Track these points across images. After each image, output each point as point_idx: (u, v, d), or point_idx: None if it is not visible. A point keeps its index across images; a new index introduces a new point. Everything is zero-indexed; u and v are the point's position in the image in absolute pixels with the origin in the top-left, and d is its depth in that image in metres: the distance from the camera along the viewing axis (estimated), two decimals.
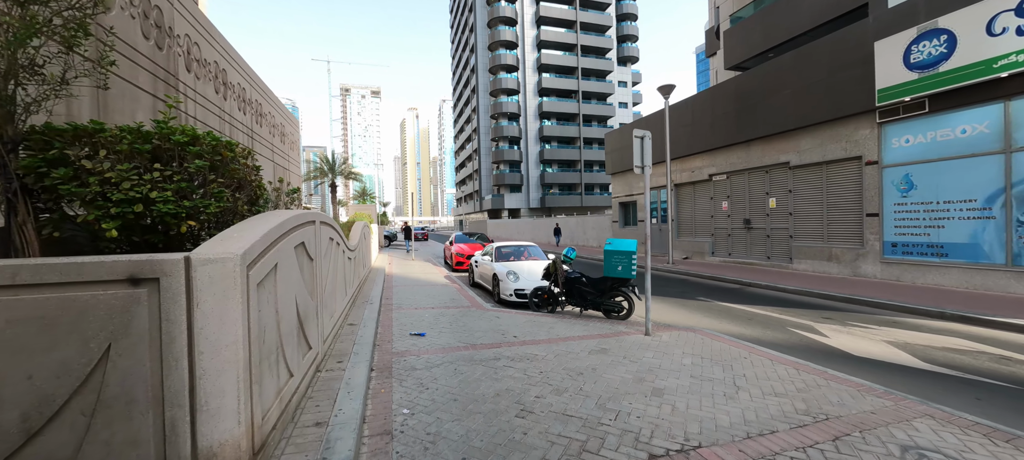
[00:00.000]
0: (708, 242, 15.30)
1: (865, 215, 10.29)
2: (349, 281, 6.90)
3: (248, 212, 3.47)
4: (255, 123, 11.09)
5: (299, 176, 16.07)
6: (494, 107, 54.69)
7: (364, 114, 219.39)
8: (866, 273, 10.28)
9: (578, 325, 6.25)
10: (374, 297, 7.84)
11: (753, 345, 5.18)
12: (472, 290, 10.14)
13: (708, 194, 15.35)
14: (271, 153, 12.52)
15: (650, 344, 5.13)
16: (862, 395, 3.59)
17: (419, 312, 7.11)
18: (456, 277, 12.53)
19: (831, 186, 11.16)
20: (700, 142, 15.25)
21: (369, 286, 9.52)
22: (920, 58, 8.86)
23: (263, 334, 2.33)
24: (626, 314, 6.82)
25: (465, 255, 14.43)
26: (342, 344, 4.64)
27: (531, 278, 8.38)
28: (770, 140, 12.69)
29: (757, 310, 7.71)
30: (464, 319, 6.60)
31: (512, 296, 8.21)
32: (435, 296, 8.85)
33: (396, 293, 9.11)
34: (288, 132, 14.69)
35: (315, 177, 35.28)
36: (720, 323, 6.83)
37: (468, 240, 16.64)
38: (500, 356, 4.63)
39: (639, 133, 5.56)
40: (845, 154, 10.67)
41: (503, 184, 54.96)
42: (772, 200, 12.80)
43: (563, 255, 7.18)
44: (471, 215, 68.07)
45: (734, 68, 17.15)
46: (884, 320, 6.81)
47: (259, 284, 2.27)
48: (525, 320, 6.54)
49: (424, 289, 9.83)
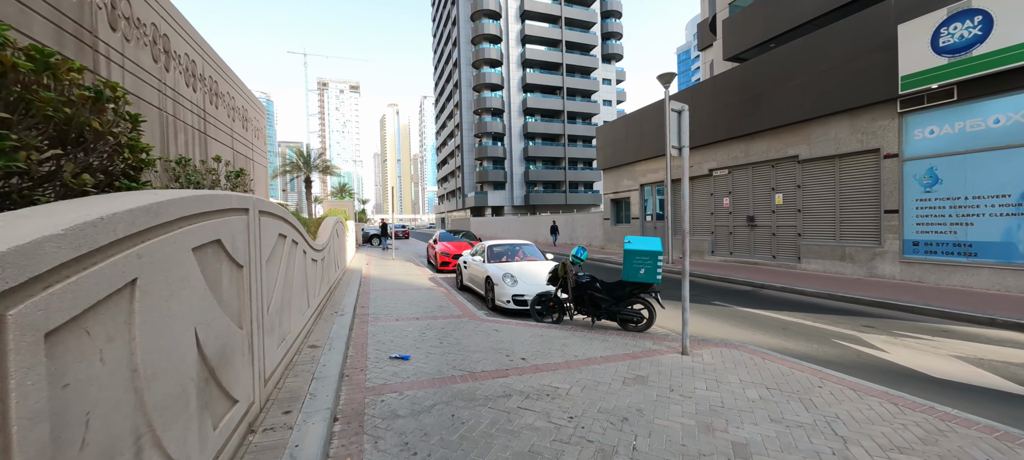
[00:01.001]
0: (708, 240, 14.54)
1: (883, 212, 9.61)
2: (314, 289, 5.66)
3: (101, 188, 2.13)
4: (209, 103, 9.60)
5: (265, 167, 14.51)
6: (477, 103, 53.34)
7: (342, 109, 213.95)
8: (884, 273, 9.61)
9: (595, 340, 5.19)
10: (346, 306, 6.60)
11: (817, 367, 4.23)
12: (460, 294, 8.97)
13: (707, 190, 14.59)
14: (230, 139, 11.02)
15: (694, 368, 4.11)
16: (1013, 449, 2.64)
17: (401, 325, 5.92)
18: (441, 279, 11.33)
19: (845, 181, 10.47)
20: (699, 135, 14.45)
21: (342, 292, 8.24)
22: (950, 42, 8.18)
23: (82, 429, 1.14)
24: (646, 325, 5.82)
25: (450, 255, 13.23)
26: (297, 380, 3.43)
27: (531, 282, 7.28)
28: (777, 132, 11.96)
29: (786, 317, 6.83)
30: (456, 333, 5.46)
31: (509, 303, 7.10)
32: (419, 303, 7.66)
33: (374, 300, 7.87)
34: (252, 118, 13.14)
35: (289, 172, 33.37)
36: (754, 335, 5.89)
37: (453, 238, 15.43)
38: (510, 390, 3.52)
39: (676, 106, 4.53)
40: (861, 146, 9.98)
41: (486, 181, 53.69)
42: (778, 196, 12.09)
43: (572, 256, 6.11)
44: (453, 213, 66.54)
45: (733, 59, 16.46)
46: (932, 329, 6.01)
47: (56, 336, 1.08)
48: (530, 334, 5.44)
49: (406, 294, 8.62)
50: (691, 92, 15.02)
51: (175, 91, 7.98)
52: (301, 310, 4.53)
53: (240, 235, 2.40)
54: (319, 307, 6.15)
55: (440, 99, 73.23)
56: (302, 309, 4.59)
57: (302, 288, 4.60)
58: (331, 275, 8.46)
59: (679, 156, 4.63)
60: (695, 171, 14.86)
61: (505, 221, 37.87)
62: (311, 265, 5.40)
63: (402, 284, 10.08)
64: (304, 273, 4.74)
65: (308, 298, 5.00)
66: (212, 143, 9.87)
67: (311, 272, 5.47)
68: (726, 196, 13.81)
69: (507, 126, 53.60)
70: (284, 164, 34.03)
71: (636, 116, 17.96)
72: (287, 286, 3.72)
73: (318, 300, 6.11)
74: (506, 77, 53.47)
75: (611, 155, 19.65)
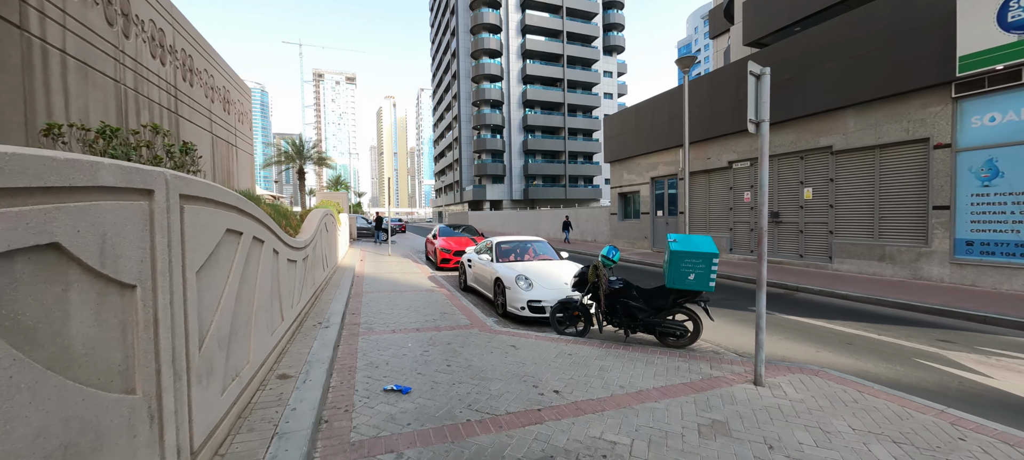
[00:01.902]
0: (725, 238, 13.62)
1: (931, 208, 8.71)
2: (292, 296, 4.66)
3: None
4: (181, 79, 8.52)
5: (251, 154, 13.41)
6: (476, 94, 52.09)
7: (339, 101, 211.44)
8: (930, 275, 8.72)
9: (638, 361, 4.24)
10: (333, 315, 5.60)
11: (936, 406, 3.28)
12: (464, 296, 8.00)
13: (726, 184, 13.65)
14: (209, 122, 9.94)
15: (781, 407, 3.16)
16: None
17: (398, 338, 4.94)
18: (442, 278, 10.35)
19: (886, 174, 9.55)
20: (719, 125, 13.50)
21: (330, 295, 7.24)
22: (1022, 16, 7.23)
23: None
24: (690, 339, 4.88)
25: (451, 251, 12.25)
26: (251, 437, 2.44)
27: (549, 286, 6.31)
28: (807, 121, 11.01)
29: (842, 327, 5.91)
30: (466, 351, 4.49)
31: (524, 310, 6.13)
32: (420, 308, 6.68)
33: (367, 305, 6.88)
34: (235, 100, 12.04)
35: (281, 162, 32.21)
36: (818, 352, 4.96)
37: (453, 233, 14.42)
38: (550, 447, 2.56)
39: (756, 70, 3.58)
40: (906, 136, 9.05)
41: (485, 174, 52.58)
42: (808, 190, 11.17)
43: (602, 257, 5.14)
44: (451, 206, 65.42)
45: (753, 44, 15.48)
46: (1020, 344, 5.11)
47: None
48: (556, 352, 4.48)
49: (404, 297, 7.63)
50: (709, 79, 14.03)
51: (136, 61, 6.90)
52: (270, 327, 3.53)
53: (127, 233, 1.41)
54: (299, 317, 5.16)
55: (438, 90, 71.82)
56: (272, 326, 3.59)
57: (271, 299, 3.60)
58: (318, 275, 7.47)
59: (757, 133, 3.66)
60: (713, 163, 13.91)
61: (504, 215, 36.86)
62: (287, 267, 4.39)
63: (399, 284, 9.08)
64: (274, 279, 3.73)
65: (281, 310, 4.00)
66: (186, 125, 8.79)
67: (288, 276, 4.47)
68: (747, 190, 12.88)
69: (506, 118, 52.43)
70: (277, 154, 32.89)
71: (647, 106, 16.96)
72: (243, 302, 2.73)
73: (298, 309, 5.11)
74: (505, 68, 52.22)
75: (619, 147, 18.66)
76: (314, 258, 6.72)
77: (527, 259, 7.91)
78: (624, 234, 18.83)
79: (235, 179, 11.49)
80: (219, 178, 10.38)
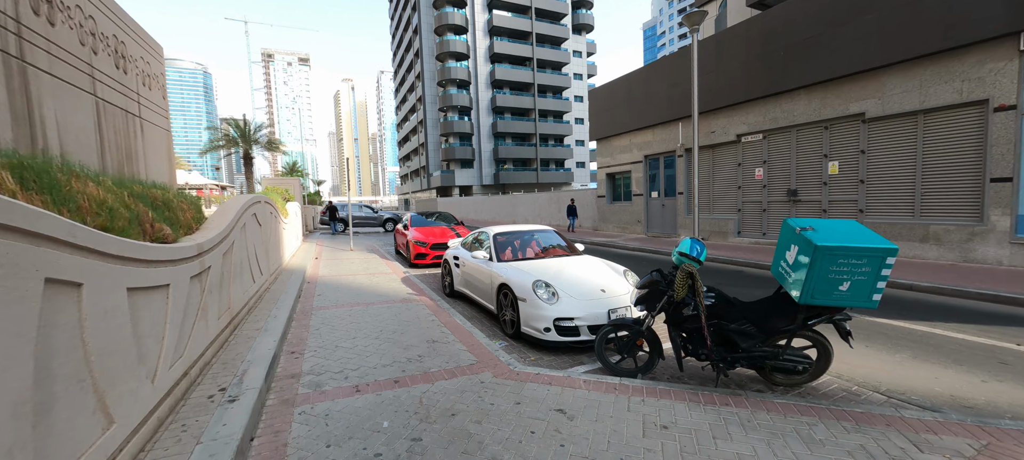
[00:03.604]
0: (733, 220, 12.33)
1: (988, 180, 7.59)
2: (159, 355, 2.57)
3: None
4: (29, 13, 5.89)
5: (166, 131, 10.62)
6: (441, 73, 48.97)
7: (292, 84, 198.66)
8: (985, 258, 7.65)
9: (787, 433, 2.52)
10: (251, 368, 3.51)
11: None
12: (452, 306, 6.06)
13: (734, 159, 12.30)
14: (90, 81, 7.27)
15: None
16: None
17: (364, 400, 2.99)
18: (417, 278, 8.32)
19: (931, 143, 8.37)
20: (724, 94, 12.06)
21: (261, 318, 5.09)
22: None
23: None
24: (810, 375, 3.26)
25: (427, 244, 10.20)
26: None
27: (579, 295, 4.48)
28: (833, 85, 9.69)
29: (917, 327, 4.48)
30: (486, 432, 2.61)
31: (549, 332, 4.28)
32: (396, 334, 4.70)
33: (316, 332, 4.81)
34: (136, 57, 9.24)
35: (224, 147, 28.37)
36: (921, 363, 3.44)
37: (427, 223, 12.31)
38: None
39: None
40: (959, 98, 7.85)
41: (453, 159, 49.92)
42: (833, 165, 9.92)
43: (680, 254, 3.35)
44: (417, 193, 62.28)
45: (755, 6, 14.13)
46: None
47: None
48: (638, 423, 2.68)
49: (372, 314, 5.59)
50: (714, 40, 12.51)
51: None
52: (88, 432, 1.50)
53: None
54: (183, 383, 3.06)
55: (400, 70, 67.68)
56: (88, 431, 1.55)
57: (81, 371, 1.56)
58: (245, 289, 5.28)
59: None
60: (718, 138, 12.50)
61: (477, 201, 34.72)
62: (146, 304, 2.31)
63: (364, 292, 7.00)
64: (105, 334, 1.68)
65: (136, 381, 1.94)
66: (45, 80, 6.20)
67: (151, 315, 2.39)
68: (759, 166, 11.57)
69: (474, 99, 49.79)
70: (218, 138, 28.98)
71: (641, 76, 15.34)
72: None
73: (187, 363, 3.03)
74: (472, 46, 49.36)
75: (607, 123, 17.01)
76: (229, 269, 4.55)
77: (531, 255, 6.06)
78: (614, 218, 17.34)
79: (140, 162, 8.82)
80: (112, 160, 7.75)
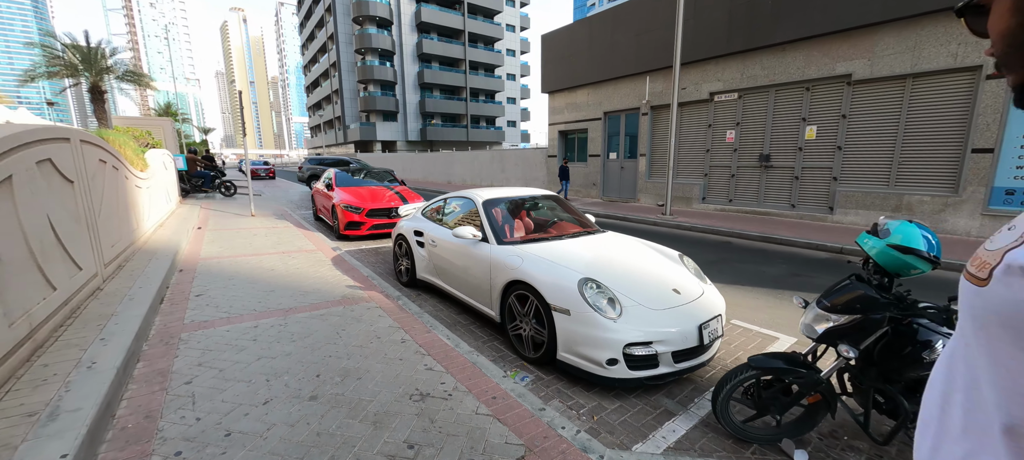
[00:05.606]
0: (698, 184, 11.69)
1: (969, 151, 7.46)
2: None
3: None
4: None
5: None
6: (357, 8, 42.60)
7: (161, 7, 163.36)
8: (956, 228, 7.66)
9: None
10: None
11: None
12: (409, 298, 4.13)
13: (704, 120, 11.50)
14: None
15: None
16: None
17: None
18: (354, 257, 6.09)
19: (916, 110, 8.08)
20: (698, 47, 11.02)
21: (52, 372, 2.72)
22: None
23: None
24: None
25: (363, 211, 7.85)
26: None
27: (655, 303, 2.85)
28: (821, 42, 9.03)
29: None
30: None
31: (616, 366, 2.64)
32: (344, 381, 2.70)
33: (183, 390, 2.62)
34: None
35: (54, 75, 21.04)
36: None
37: (359, 183, 9.72)
38: None
39: None
40: (953, 62, 7.51)
41: (373, 110, 44.79)
42: (810, 129, 9.45)
43: (906, 248, 1.88)
44: (332, 147, 55.61)
45: None
46: None
47: None
48: None
49: (296, 341, 3.45)
50: None
51: None
52: None
53: None
54: None
55: (305, 1, 58.08)
56: None
57: None
58: (27, 300, 2.80)
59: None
60: (690, 96, 11.54)
61: (404, 158, 31.32)
62: None
63: (278, 286, 4.67)
64: None
65: None
66: None
67: None
68: (731, 129, 10.87)
69: (397, 43, 44.52)
70: (48, 62, 21.43)
71: (603, 20, 13.71)
72: None
73: None
74: None
75: (562, 74, 15.31)
76: None
77: (538, 233, 4.30)
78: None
79: None
80: None
